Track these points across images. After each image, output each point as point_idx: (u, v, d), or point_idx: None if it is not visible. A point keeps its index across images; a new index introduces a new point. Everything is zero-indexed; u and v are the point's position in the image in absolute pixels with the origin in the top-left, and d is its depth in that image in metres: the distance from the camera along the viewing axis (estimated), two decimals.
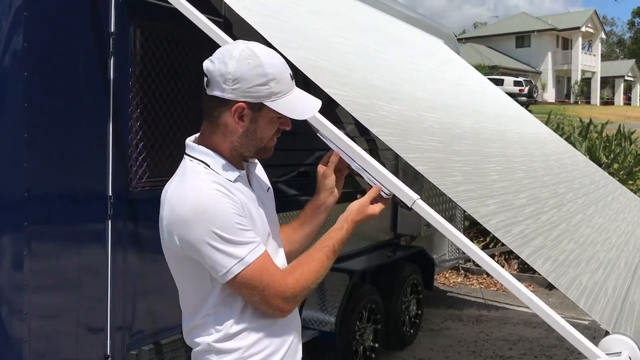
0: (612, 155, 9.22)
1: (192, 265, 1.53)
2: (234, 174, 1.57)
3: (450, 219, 5.65)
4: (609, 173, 7.11)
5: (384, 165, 1.88)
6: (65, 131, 2.43)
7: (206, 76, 1.55)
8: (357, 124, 3.88)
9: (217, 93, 1.53)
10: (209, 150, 1.58)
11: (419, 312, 5.25)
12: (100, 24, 2.53)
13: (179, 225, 1.48)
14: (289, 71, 1.59)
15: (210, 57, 1.57)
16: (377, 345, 4.42)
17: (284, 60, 1.59)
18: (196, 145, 1.60)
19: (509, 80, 32.46)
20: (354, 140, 1.97)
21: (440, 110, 3.55)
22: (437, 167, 2.45)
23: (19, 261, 2.29)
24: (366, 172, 1.80)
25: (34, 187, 2.32)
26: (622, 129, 11.27)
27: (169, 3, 2.38)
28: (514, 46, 46.82)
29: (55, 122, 2.39)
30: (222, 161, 1.57)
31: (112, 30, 2.57)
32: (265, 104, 1.55)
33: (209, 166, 1.55)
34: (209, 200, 1.48)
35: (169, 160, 2.87)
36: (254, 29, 2.45)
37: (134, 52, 2.67)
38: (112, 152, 2.59)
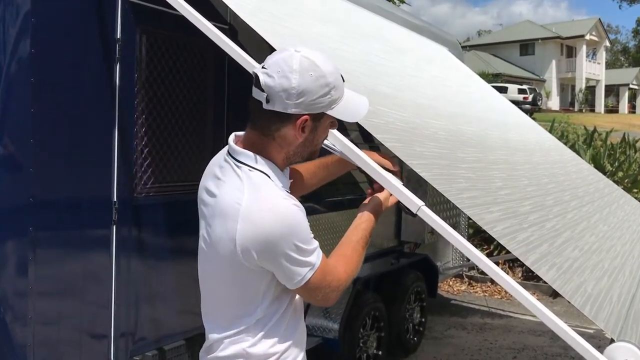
0: (616, 164, 9.19)
1: (250, 277, 1.53)
2: (288, 184, 1.60)
3: (455, 226, 5.63)
4: (614, 181, 7.09)
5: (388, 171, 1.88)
6: (71, 137, 2.44)
7: (263, 91, 1.49)
8: (362, 130, 3.88)
9: (279, 109, 1.50)
10: (267, 161, 1.56)
11: (423, 319, 5.22)
12: (107, 30, 2.55)
13: (262, 240, 1.47)
14: (340, 72, 1.58)
15: (266, 71, 1.51)
16: (380, 352, 4.41)
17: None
18: (254, 154, 1.55)
19: (513, 88, 32.42)
20: (359, 147, 1.97)
21: (445, 117, 3.55)
22: (441, 173, 2.44)
23: (24, 266, 2.29)
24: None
25: (40, 192, 2.32)
26: (626, 137, 11.24)
27: (175, 10, 2.40)
28: (518, 54, 46.84)
29: (61, 127, 2.40)
30: (279, 172, 1.57)
31: (118, 37, 2.58)
32: (327, 112, 1.55)
33: (269, 178, 1.54)
34: (292, 215, 1.49)
35: (174, 166, 2.87)
36: (258, 35, 2.46)
37: (139, 59, 2.69)
38: (118, 157, 2.59)
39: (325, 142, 1.95)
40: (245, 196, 1.49)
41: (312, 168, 1.91)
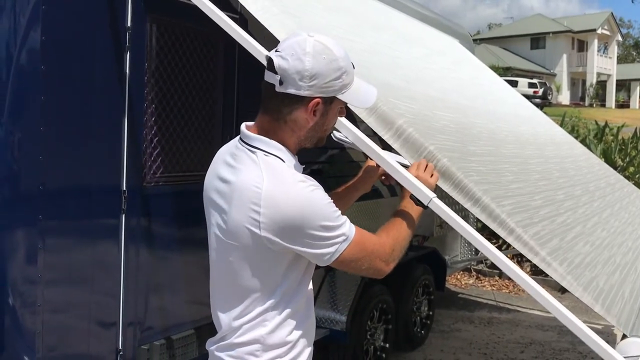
0: (627, 159, 9.13)
1: (273, 259, 1.54)
2: (300, 168, 1.61)
3: (464, 219, 5.59)
4: (625, 176, 7.03)
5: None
6: (81, 125, 2.43)
7: (276, 73, 1.51)
8: None
9: (292, 91, 1.52)
10: (280, 145, 1.57)
11: (430, 313, 5.22)
12: (117, 18, 2.53)
13: (287, 223, 1.48)
14: (350, 59, 1.60)
15: (279, 54, 1.53)
16: (387, 345, 4.41)
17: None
18: (268, 139, 1.57)
19: (523, 82, 32.27)
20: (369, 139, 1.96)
21: (455, 110, 3.52)
22: (453, 165, 2.42)
23: (33, 255, 2.29)
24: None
25: (49, 181, 2.32)
26: (638, 132, 11.15)
27: None
28: (529, 48, 46.52)
29: (71, 116, 2.40)
30: (291, 156, 1.59)
31: (129, 25, 2.57)
32: (337, 96, 1.57)
33: (284, 162, 1.55)
34: (313, 196, 1.50)
35: (183, 156, 2.87)
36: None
37: (149, 47, 2.67)
38: (127, 146, 2.59)
39: (338, 135, 1.95)
40: (265, 181, 1.49)
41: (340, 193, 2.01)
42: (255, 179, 1.50)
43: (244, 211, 1.49)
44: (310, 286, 1.68)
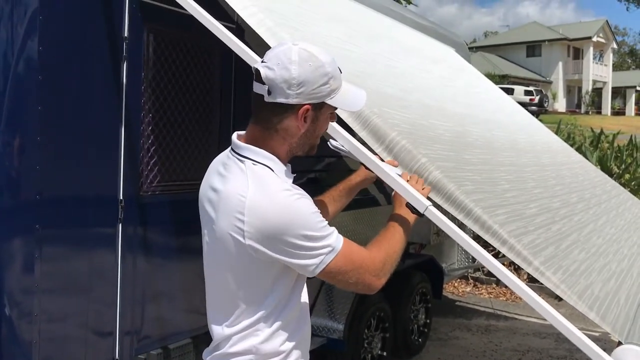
0: (623, 166, 9.15)
1: (260, 268, 1.54)
2: (291, 177, 1.61)
3: (459, 228, 5.60)
4: (620, 184, 7.06)
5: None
6: (78, 134, 2.44)
7: (264, 84, 1.52)
8: None
9: (281, 100, 1.53)
10: (270, 154, 1.58)
11: (428, 321, 5.22)
12: (114, 28, 2.55)
13: (270, 233, 1.48)
14: (337, 64, 1.61)
15: (266, 64, 1.54)
16: (385, 353, 4.40)
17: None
18: (257, 148, 1.58)
19: (519, 89, 32.38)
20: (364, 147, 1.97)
21: (451, 119, 3.53)
22: (447, 176, 2.43)
23: (30, 264, 2.29)
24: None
25: (46, 190, 2.33)
26: (633, 140, 11.19)
27: (182, 9, 2.40)
28: (525, 55, 46.71)
29: (68, 125, 2.41)
30: (282, 165, 1.59)
31: (126, 35, 2.58)
32: (326, 102, 1.58)
33: (273, 171, 1.55)
34: (298, 206, 1.50)
35: (180, 165, 2.88)
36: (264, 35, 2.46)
37: (146, 57, 2.69)
38: (124, 155, 2.60)
39: (334, 143, 1.96)
40: (249, 190, 1.50)
41: (326, 198, 1.98)
42: (241, 188, 1.51)
43: (230, 220, 1.50)
44: (305, 295, 1.68)
